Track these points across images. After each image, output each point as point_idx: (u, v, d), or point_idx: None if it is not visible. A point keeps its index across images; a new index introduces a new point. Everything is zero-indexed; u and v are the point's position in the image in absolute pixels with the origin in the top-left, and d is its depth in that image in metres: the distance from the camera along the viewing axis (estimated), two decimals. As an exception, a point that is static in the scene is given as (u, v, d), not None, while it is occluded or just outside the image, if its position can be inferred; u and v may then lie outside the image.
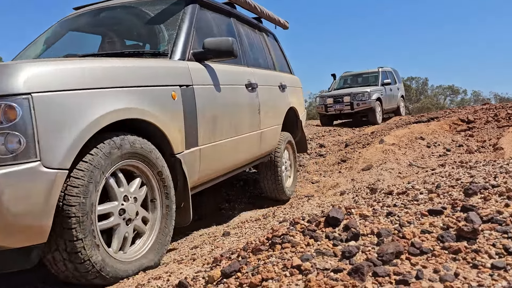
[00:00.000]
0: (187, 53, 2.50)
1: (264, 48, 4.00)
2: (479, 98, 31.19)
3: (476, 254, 1.25)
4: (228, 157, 2.86)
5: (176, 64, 2.37)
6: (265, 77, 3.60)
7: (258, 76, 3.40)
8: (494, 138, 5.70)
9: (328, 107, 11.56)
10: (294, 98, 4.36)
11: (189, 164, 2.36)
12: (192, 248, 2.46)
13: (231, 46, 2.51)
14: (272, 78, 3.80)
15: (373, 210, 1.74)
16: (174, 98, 2.23)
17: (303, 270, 1.31)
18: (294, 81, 4.60)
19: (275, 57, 4.22)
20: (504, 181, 1.81)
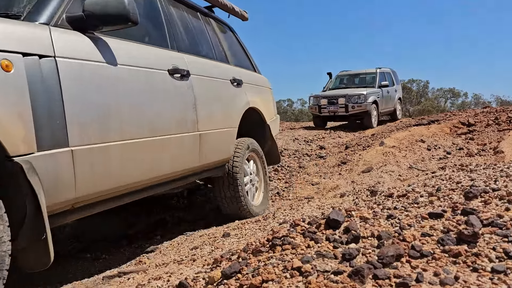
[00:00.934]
0: (55, 17, 1.84)
1: (211, 36, 3.35)
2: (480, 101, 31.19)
3: (476, 258, 1.26)
4: (137, 166, 2.12)
5: (22, 26, 1.67)
6: (205, 66, 2.94)
7: (193, 63, 2.75)
8: (495, 141, 5.70)
9: (322, 108, 10.99)
10: (256, 98, 3.73)
11: (48, 174, 1.61)
12: (192, 249, 2.46)
13: (123, 8, 1.87)
14: (218, 69, 3.14)
15: (373, 213, 1.75)
16: (6, 70, 1.53)
17: (304, 272, 1.31)
18: (258, 79, 4.00)
19: (229, 50, 3.63)
20: (504, 184, 1.81)
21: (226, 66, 3.38)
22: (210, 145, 2.85)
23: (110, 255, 2.83)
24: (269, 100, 4.19)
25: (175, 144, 2.45)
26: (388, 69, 12.76)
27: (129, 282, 1.91)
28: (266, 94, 4.12)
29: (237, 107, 3.32)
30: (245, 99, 3.46)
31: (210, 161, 2.89)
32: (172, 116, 2.43)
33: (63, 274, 2.47)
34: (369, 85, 11.51)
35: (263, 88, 4.08)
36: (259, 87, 3.92)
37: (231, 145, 3.21)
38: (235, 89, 3.32)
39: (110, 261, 2.67)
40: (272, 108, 4.27)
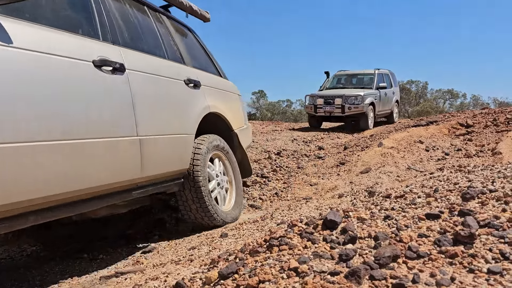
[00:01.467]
0: None
1: (162, 35, 3.03)
2: (478, 103, 31.28)
3: (473, 259, 1.26)
4: (41, 177, 1.72)
5: None
6: (149, 62, 2.61)
7: (132, 58, 2.42)
8: (493, 142, 5.71)
9: (318, 108, 10.71)
10: (220, 103, 3.44)
11: None
12: (190, 249, 2.46)
13: None
14: (168, 68, 2.82)
15: (370, 213, 1.75)
16: None
17: (300, 272, 1.31)
18: (222, 83, 3.74)
19: (187, 51, 3.33)
20: (502, 186, 1.81)
21: (180, 66, 3.03)
22: (157, 154, 2.49)
23: (107, 255, 2.83)
24: (237, 107, 3.89)
25: (104, 150, 2.04)
26: (387, 70, 12.58)
27: (126, 282, 1.91)
28: (233, 100, 3.82)
29: (194, 111, 2.98)
30: (204, 102, 3.14)
31: (157, 172, 2.51)
32: (98, 115, 2.04)
33: (60, 274, 2.46)
34: (367, 86, 11.28)
35: (229, 93, 3.79)
36: (224, 92, 3.65)
37: (187, 154, 2.82)
38: (191, 90, 3.00)
39: (107, 261, 2.66)
40: (241, 115, 3.95)
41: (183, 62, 3.15)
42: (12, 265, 2.81)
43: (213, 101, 3.30)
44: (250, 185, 4.74)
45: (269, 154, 6.42)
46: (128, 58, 2.39)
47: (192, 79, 3.07)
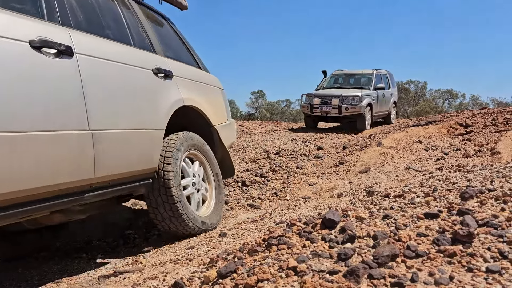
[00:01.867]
0: None
1: (127, 20, 2.73)
2: (477, 103, 31.31)
3: (471, 258, 1.26)
4: None
5: None
6: (106, 47, 2.33)
7: (83, 41, 2.14)
8: (492, 142, 5.71)
9: (314, 108, 10.40)
10: (197, 96, 3.15)
11: None
12: (189, 249, 2.46)
13: None
14: (131, 55, 2.54)
15: (369, 213, 1.75)
16: None
17: (299, 271, 1.31)
18: (201, 75, 3.45)
19: (159, 40, 3.05)
20: (500, 185, 1.81)
21: (148, 54, 2.76)
22: (116, 151, 2.20)
23: (106, 254, 2.82)
24: (218, 101, 3.61)
25: (42, 146, 1.79)
26: (385, 70, 12.35)
27: (125, 282, 1.91)
28: (214, 94, 3.53)
29: (164, 103, 2.70)
30: (177, 94, 2.85)
31: (116, 172, 2.22)
32: (36, 104, 1.79)
33: (59, 274, 2.46)
34: (365, 87, 11.04)
35: (209, 86, 3.50)
36: (202, 85, 3.34)
37: (155, 152, 2.56)
38: (160, 81, 2.72)
39: (106, 260, 2.66)
40: (223, 110, 3.66)
41: (153, 51, 2.86)
42: (11, 265, 2.81)
43: (188, 93, 3.00)
44: (249, 184, 4.74)
45: (268, 154, 6.42)
46: (79, 41, 2.10)
47: (163, 69, 2.78)
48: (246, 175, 5.08)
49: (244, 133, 9.62)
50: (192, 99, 3.05)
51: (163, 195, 2.59)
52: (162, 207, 2.60)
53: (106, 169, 2.14)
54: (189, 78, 3.16)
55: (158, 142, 2.61)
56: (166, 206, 2.59)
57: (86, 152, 2.01)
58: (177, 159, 2.70)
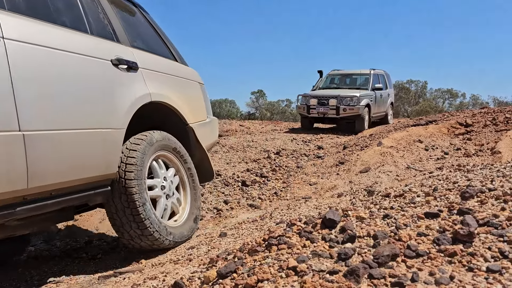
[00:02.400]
0: None
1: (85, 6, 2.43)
2: (478, 102, 31.29)
3: (472, 257, 1.25)
4: None
5: None
6: (48, 33, 1.99)
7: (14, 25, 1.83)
8: (492, 141, 5.71)
9: (311, 109, 10.09)
10: (170, 91, 2.83)
11: None
12: (189, 249, 2.45)
13: None
14: (84, 43, 2.21)
15: (370, 213, 1.74)
16: None
17: (299, 271, 1.31)
18: (176, 68, 3.14)
19: (125, 27, 2.72)
20: (501, 184, 1.81)
21: (107, 43, 2.44)
22: (57, 156, 1.87)
23: (106, 254, 2.82)
24: (196, 96, 3.27)
25: None
26: (382, 70, 12.12)
27: (125, 282, 1.90)
28: (190, 89, 3.20)
29: (124, 98, 2.36)
30: (142, 89, 2.53)
31: (59, 181, 1.89)
32: None
33: (59, 274, 2.46)
34: (362, 87, 10.79)
35: (185, 80, 3.16)
36: (177, 78, 3.02)
37: (112, 155, 2.23)
38: (121, 73, 2.39)
39: (106, 260, 2.66)
40: (201, 107, 3.32)
41: (115, 40, 2.55)
42: (11, 265, 2.81)
43: (158, 88, 2.69)
44: (249, 184, 4.74)
45: (268, 153, 6.42)
46: (5, 24, 1.78)
47: (125, 60, 2.45)
48: (247, 175, 5.08)
49: (245, 133, 9.63)
50: (163, 95, 2.71)
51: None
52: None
53: (44, 177, 1.80)
54: (161, 71, 2.83)
55: (117, 144, 2.27)
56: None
57: (15, 157, 1.66)
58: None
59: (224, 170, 5.36)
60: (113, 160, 2.24)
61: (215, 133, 3.58)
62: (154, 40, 3.15)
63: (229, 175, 5.03)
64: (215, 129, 3.57)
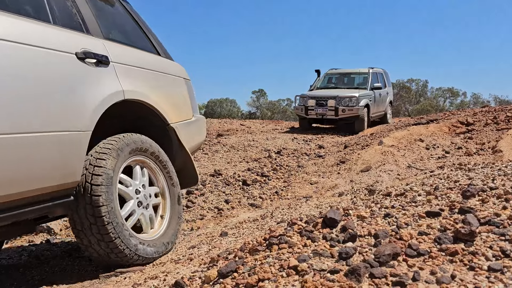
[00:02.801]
0: None
1: None
2: (479, 101, 31.26)
3: (473, 256, 1.25)
4: None
5: None
6: None
7: None
8: (493, 140, 5.70)
9: (309, 110, 9.85)
10: (149, 88, 2.57)
11: None
12: (190, 248, 2.45)
13: None
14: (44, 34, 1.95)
15: (371, 212, 1.74)
16: None
17: (300, 271, 1.31)
18: (157, 63, 2.85)
19: (98, 18, 2.47)
20: (502, 183, 1.80)
21: (73, 34, 2.16)
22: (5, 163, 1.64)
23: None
24: (180, 93, 3.00)
25: None
26: (381, 69, 11.86)
27: (126, 282, 1.90)
28: (174, 85, 2.94)
29: (91, 96, 2.09)
30: (113, 85, 2.27)
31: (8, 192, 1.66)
32: None
33: (60, 274, 2.46)
34: (361, 87, 10.54)
35: (168, 76, 2.90)
36: (157, 74, 2.75)
37: (75, 161, 1.97)
38: (88, 68, 2.13)
39: (107, 260, 2.66)
40: (186, 105, 3.04)
41: (85, 31, 2.28)
42: (12, 265, 2.81)
43: (133, 84, 2.42)
44: (250, 184, 4.74)
45: (269, 153, 6.42)
46: None
47: (93, 53, 2.19)
48: (247, 174, 5.08)
49: (245, 132, 9.63)
50: (138, 92, 2.44)
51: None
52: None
53: None
54: (138, 65, 2.57)
55: (79, 149, 1.99)
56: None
57: None
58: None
59: (225, 169, 5.36)
60: (76, 167, 1.97)
61: (202, 133, 3.31)
62: (134, 32, 2.89)
63: (230, 174, 5.03)
64: (202, 128, 3.29)
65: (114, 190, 2.12)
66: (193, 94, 3.21)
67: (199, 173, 4.60)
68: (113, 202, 2.08)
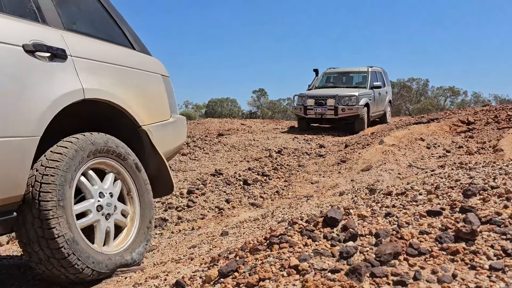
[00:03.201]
0: None
1: None
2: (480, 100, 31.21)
3: (474, 256, 1.25)
4: None
5: None
6: None
7: None
8: (494, 139, 5.69)
9: (308, 110, 9.64)
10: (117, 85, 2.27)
11: None
12: (191, 248, 2.45)
13: None
14: None
15: (371, 211, 1.74)
16: None
17: (301, 270, 1.30)
18: (129, 58, 2.53)
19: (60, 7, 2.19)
20: (503, 182, 1.80)
21: (20, 23, 1.87)
22: None
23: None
24: (156, 91, 2.71)
25: None
26: (379, 68, 11.65)
27: (126, 281, 1.90)
28: (149, 82, 2.65)
29: (41, 96, 1.82)
30: (71, 83, 1.98)
31: None
32: None
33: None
34: (360, 86, 10.35)
35: (141, 72, 2.59)
36: (127, 69, 2.44)
37: (17, 171, 1.71)
38: (38, 63, 1.85)
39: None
40: (163, 104, 2.75)
41: (40, 20, 2.01)
42: (13, 264, 2.81)
43: (96, 81, 2.13)
44: (251, 183, 4.74)
45: (270, 152, 6.42)
46: None
47: (46, 45, 1.91)
48: (248, 174, 5.08)
49: (246, 131, 9.62)
50: (103, 90, 2.15)
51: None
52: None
53: None
54: (104, 60, 2.27)
55: (24, 158, 1.73)
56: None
57: None
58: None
59: (226, 169, 5.36)
60: (19, 178, 1.71)
61: (181, 134, 2.99)
62: (104, 24, 2.60)
63: (231, 174, 5.03)
64: (181, 130, 2.97)
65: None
66: (172, 93, 2.91)
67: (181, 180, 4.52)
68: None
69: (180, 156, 6.00)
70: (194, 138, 7.36)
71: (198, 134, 8.52)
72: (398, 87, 28.90)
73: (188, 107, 34.18)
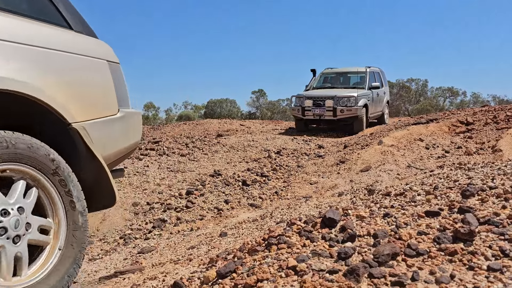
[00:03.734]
0: None
1: None
2: (479, 100, 31.22)
3: (472, 256, 1.25)
4: None
5: None
6: None
7: None
8: (493, 140, 5.70)
9: (306, 111, 9.44)
10: (38, 74, 1.77)
11: None
12: (189, 248, 2.45)
13: None
14: None
15: (370, 211, 1.74)
16: None
17: (299, 271, 1.30)
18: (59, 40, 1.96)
19: None
20: (501, 183, 1.80)
21: None
22: None
23: (106, 255, 2.82)
24: (96, 80, 2.18)
25: None
26: (377, 68, 11.40)
27: (125, 282, 1.90)
28: (87, 69, 2.13)
29: None
30: None
31: None
32: None
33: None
34: (359, 86, 10.16)
35: (81, 57, 2.08)
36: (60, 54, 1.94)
37: None
38: None
39: (106, 261, 2.66)
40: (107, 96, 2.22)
41: None
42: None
43: (9, 68, 1.65)
44: (250, 184, 4.73)
45: (269, 153, 6.41)
46: None
47: None
48: (247, 174, 5.08)
49: (245, 132, 9.62)
50: (15, 79, 1.64)
51: None
52: None
53: None
54: (22, 41, 1.76)
55: None
56: None
57: None
58: None
59: (225, 169, 5.35)
60: None
61: (133, 132, 2.44)
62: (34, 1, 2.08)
63: (230, 174, 5.02)
64: (134, 127, 2.44)
65: None
66: (122, 82, 2.39)
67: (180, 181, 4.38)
68: None
69: (179, 156, 5.99)
70: (193, 139, 7.36)
71: (197, 135, 8.52)
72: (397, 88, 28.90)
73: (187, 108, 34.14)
